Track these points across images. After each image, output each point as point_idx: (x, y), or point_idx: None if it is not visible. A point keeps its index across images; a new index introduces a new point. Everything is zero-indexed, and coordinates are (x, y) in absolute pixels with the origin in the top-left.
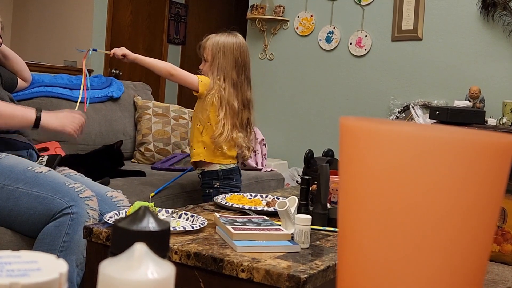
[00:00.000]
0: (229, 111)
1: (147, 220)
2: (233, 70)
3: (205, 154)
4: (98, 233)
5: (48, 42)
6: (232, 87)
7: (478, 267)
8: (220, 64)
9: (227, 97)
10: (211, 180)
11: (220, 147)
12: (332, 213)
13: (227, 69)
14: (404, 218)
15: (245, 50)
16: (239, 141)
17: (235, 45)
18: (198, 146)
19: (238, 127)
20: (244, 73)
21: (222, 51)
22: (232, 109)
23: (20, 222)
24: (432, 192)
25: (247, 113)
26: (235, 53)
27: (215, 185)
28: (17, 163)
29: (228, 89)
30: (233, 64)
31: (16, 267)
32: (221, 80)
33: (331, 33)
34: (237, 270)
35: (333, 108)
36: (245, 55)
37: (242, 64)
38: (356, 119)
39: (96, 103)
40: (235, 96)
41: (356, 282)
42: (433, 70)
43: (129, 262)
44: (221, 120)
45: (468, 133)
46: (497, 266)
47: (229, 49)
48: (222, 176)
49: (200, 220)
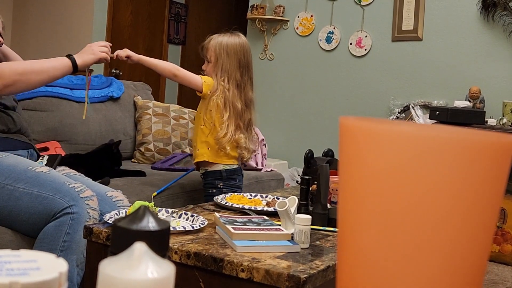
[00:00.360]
0: (233, 112)
1: (147, 219)
2: (237, 70)
3: (209, 155)
4: (98, 233)
5: (48, 42)
6: (236, 88)
7: (478, 267)
8: (224, 65)
9: (231, 98)
10: (214, 180)
11: (223, 148)
12: (332, 213)
13: (231, 70)
14: (404, 218)
15: (248, 50)
16: (241, 142)
17: (238, 46)
18: (202, 147)
19: (242, 128)
20: (248, 73)
21: (226, 52)
22: (236, 110)
23: (20, 221)
24: (432, 192)
25: (249, 113)
26: (238, 53)
27: (218, 185)
28: (17, 163)
29: (232, 90)
30: (236, 65)
31: (16, 266)
32: (225, 81)
33: (331, 33)
34: (237, 270)
35: (333, 108)
36: (248, 56)
37: (246, 65)
38: (356, 119)
39: (96, 103)
40: (238, 97)
41: (355, 282)
42: (433, 70)
43: (129, 262)
44: (225, 121)
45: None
46: (496, 266)
47: (233, 50)
48: (226, 176)
49: (200, 220)
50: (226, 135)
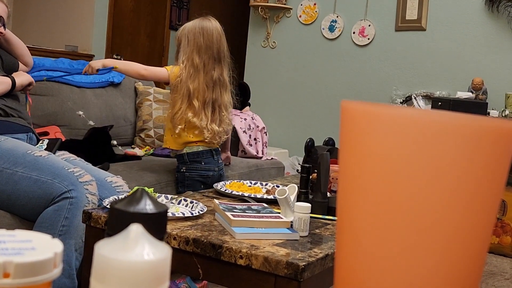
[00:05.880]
0: (185, 92)
1: (144, 202)
2: (194, 52)
3: (171, 141)
4: (97, 218)
5: (50, 26)
6: (193, 68)
7: (477, 258)
8: (183, 49)
9: (185, 79)
10: (179, 165)
11: (176, 126)
12: (331, 201)
13: (188, 53)
14: (403, 206)
15: (211, 32)
16: (193, 121)
17: (197, 28)
18: (167, 133)
19: (195, 107)
20: (207, 54)
21: (186, 36)
22: (188, 90)
23: (19, 205)
24: (433, 179)
25: (213, 93)
26: (196, 36)
27: (181, 169)
28: (16, 147)
29: (188, 71)
30: (194, 47)
31: (11, 246)
32: (184, 64)
33: (334, 22)
34: (236, 257)
35: (335, 98)
36: (209, 37)
37: (205, 46)
38: (357, 103)
39: (97, 88)
40: (196, 77)
41: (354, 270)
42: (436, 61)
43: (125, 243)
44: (177, 100)
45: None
46: (495, 258)
47: (191, 33)
48: (188, 160)
49: (199, 207)
50: (177, 113)
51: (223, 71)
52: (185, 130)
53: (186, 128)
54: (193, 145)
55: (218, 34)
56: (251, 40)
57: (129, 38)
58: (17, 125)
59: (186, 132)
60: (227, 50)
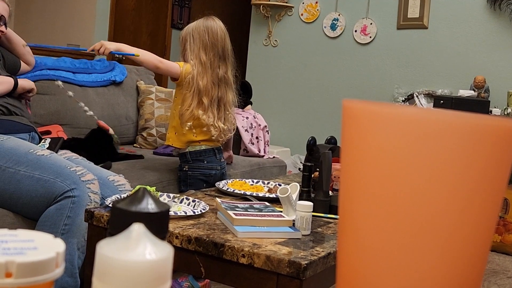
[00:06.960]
0: (196, 89)
1: (146, 201)
2: (201, 50)
3: (174, 139)
4: (99, 217)
5: (51, 25)
6: (201, 65)
7: (479, 256)
8: (190, 48)
9: (195, 76)
10: (182, 163)
11: (185, 123)
12: (333, 200)
13: (195, 51)
14: (405, 204)
15: (215, 30)
16: (203, 118)
17: (202, 27)
18: (170, 131)
19: (205, 104)
20: (213, 52)
21: (191, 35)
22: (198, 87)
23: (21, 204)
24: (434, 177)
25: (218, 91)
26: (201, 34)
27: (184, 168)
28: (18, 146)
29: (197, 69)
30: (200, 45)
31: (13, 246)
32: (193, 61)
33: (336, 20)
34: (238, 256)
35: (337, 96)
36: (214, 35)
37: (211, 44)
38: (359, 101)
39: (98, 87)
40: (204, 74)
41: (356, 268)
42: (438, 59)
43: (127, 242)
44: (188, 97)
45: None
46: (498, 256)
47: (196, 32)
48: (190, 158)
49: (201, 205)
50: (187, 110)
51: (228, 70)
52: (192, 128)
53: (193, 126)
54: (196, 144)
55: (222, 33)
56: (253, 39)
57: (131, 37)
58: (19, 124)
59: (194, 130)
60: (231, 50)
